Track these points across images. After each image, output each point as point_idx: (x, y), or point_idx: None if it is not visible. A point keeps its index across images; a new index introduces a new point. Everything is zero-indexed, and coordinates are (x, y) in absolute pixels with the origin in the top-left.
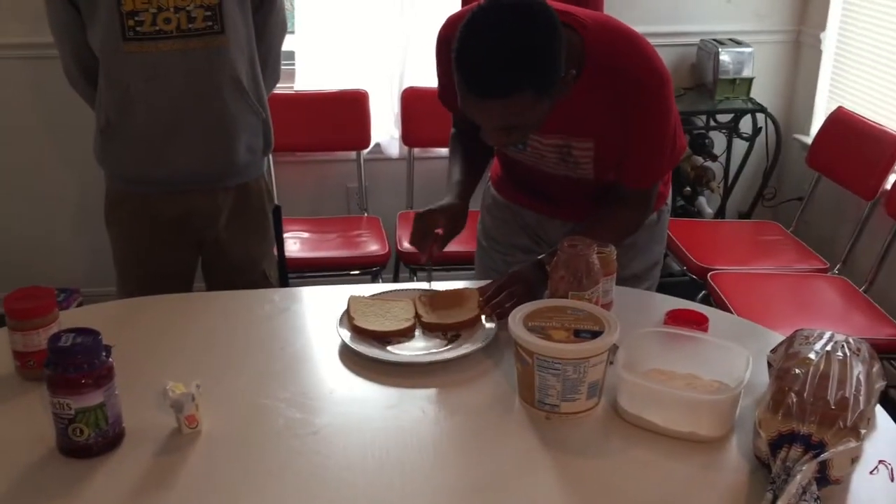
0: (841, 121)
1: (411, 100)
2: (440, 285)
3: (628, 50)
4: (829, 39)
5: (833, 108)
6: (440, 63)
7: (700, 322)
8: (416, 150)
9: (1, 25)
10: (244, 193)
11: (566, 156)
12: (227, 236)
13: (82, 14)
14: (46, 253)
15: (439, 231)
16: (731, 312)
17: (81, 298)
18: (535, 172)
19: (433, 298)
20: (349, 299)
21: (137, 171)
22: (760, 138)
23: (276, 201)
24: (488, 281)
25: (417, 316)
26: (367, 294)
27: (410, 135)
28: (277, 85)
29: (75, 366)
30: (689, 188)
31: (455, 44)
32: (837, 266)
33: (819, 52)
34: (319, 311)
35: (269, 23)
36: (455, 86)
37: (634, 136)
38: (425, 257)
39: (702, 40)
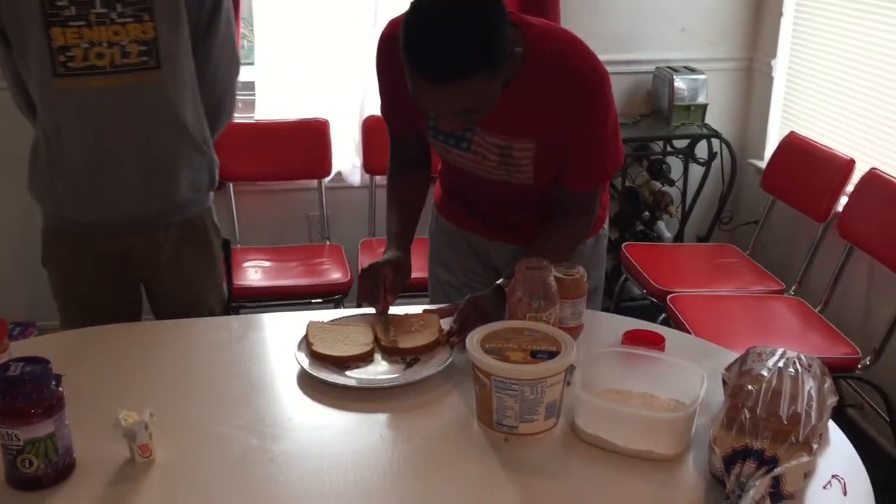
0: (793, 145)
1: (373, 128)
2: (399, 310)
3: (568, 49)
4: (780, 66)
5: (786, 132)
6: (383, 70)
7: (657, 342)
8: (378, 178)
9: None
10: (187, 229)
11: (507, 157)
12: (169, 274)
13: (14, 48)
14: None
15: (387, 282)
16: (690, 332)
17: (37, 332)
18: (477, 182)
19: (393, 323)
20: (308, 325)
21: (72, 211)
22: (716, 163)
23: (235, 233)
24: (445, 304)
25: (376, 340)
26: (325, 320)
27: (372, 162)
28: (238, 115)
29: (24, 395)
30: (647, 213)
31: (403, 33)
32: (793, 287)
33: (770, 79)
34: (277, 338)
35: (213, 56)
36: (394, 91)
37: (577, 136)
38: (381, 308)
39: (657, 68)
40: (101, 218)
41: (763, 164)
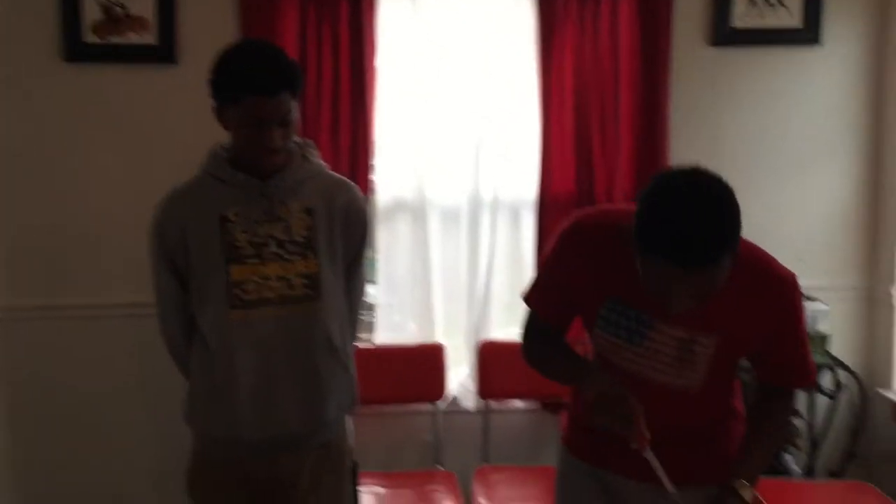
0: None
1: (488, 352)
2: None
3: (761, 251)
4: None
5: None
6: (569, 259)
7: None
8: (493, 403)
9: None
10: (327, 452)
11: (685, 352)
12: (309, 498)
13: (188, 284)
14: None
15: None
16: None
17: None
18: (631, 383)
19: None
20: None
21: (233, 434)
22: (843, 394)
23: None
24: None
25: None
26: None
27: (487, 387)
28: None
29: None
30: None
31: (649, 220)
32: None
33: (892, 307)
34: None
35: (355, 284)
36: (572, 280)
37: (789, 334)
38: (642, 445)
39: None
40: (261, 440)
41: (894, 396)
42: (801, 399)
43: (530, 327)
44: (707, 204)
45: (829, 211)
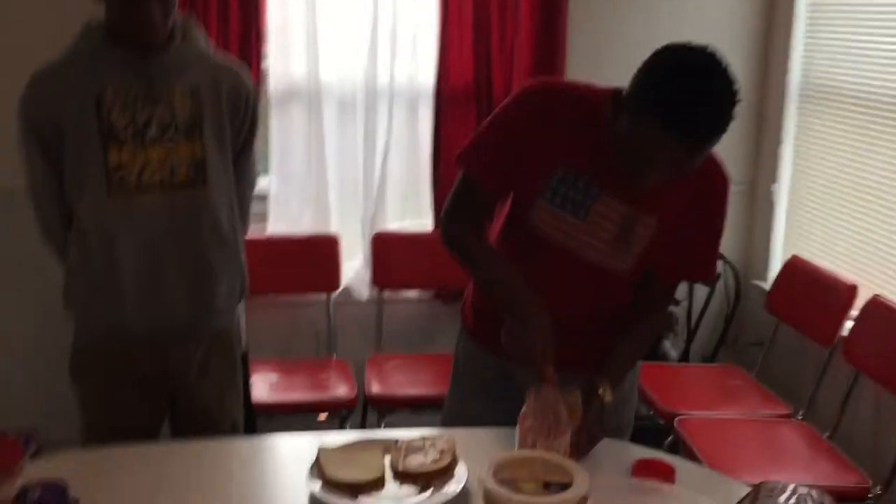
0: (797, 268)
1: (383, 243)
2: (411, 433)
3: None
4: (782, 190)
5: (789, 255)
6: (527, 121)
7: (667, 473)
8: (387, 293)
9: None
10: (218, 340)
11: (627, 231)
12: (199, 385)
13: (63, 169)
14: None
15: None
16: (698, 458)
17: (37, 447)
18: (556, 267)
19: (407, 446)
20: (319, 450)
21: (118, 324)
22: (720, 284)
23: (244, 346)
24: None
25: (391, 465)
26: (336, 444)
27: (381, 277)
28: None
29: None
30: None
31: (658, 87)
32: (801, 412)
33: (772, 203)
34: (288, 462)
35: (245, 172)
36: (526, 145)
37: (709, 225)
38: (549, 378)
39: None
40: (147, 329)
41: (767, 286)
42: (681, 288)
43: (460, 201)
44: (722, 85)
45: None
